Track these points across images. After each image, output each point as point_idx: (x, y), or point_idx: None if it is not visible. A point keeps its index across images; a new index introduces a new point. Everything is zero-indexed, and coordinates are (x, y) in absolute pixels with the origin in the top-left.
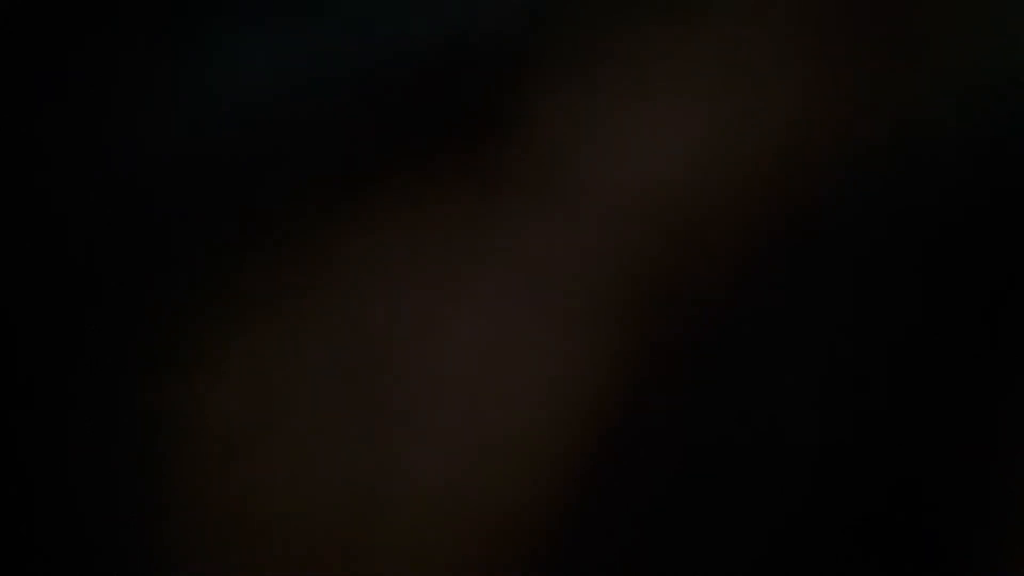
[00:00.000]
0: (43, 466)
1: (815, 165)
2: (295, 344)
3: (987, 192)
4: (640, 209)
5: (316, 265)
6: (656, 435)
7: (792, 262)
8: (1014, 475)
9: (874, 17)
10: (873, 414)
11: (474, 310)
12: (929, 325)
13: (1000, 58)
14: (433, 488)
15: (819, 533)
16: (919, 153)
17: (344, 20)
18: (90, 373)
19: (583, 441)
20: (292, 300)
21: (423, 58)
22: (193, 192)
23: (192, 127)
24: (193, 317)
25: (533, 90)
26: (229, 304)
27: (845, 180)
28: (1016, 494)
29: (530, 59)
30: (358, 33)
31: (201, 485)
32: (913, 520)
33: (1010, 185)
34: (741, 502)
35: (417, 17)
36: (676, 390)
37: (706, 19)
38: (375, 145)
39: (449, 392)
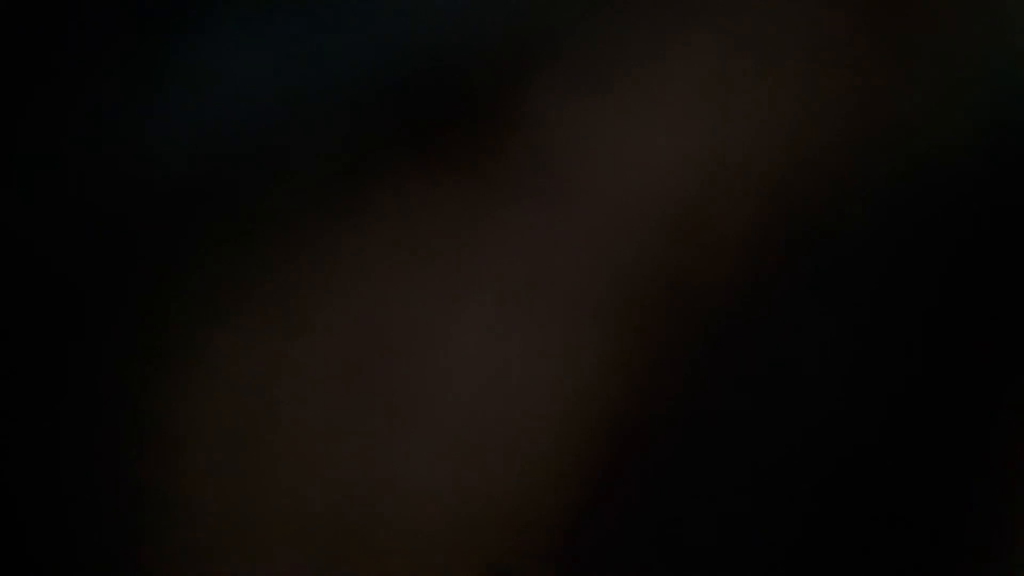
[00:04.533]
0: (34, 467)
1: (821, 168)
2: (293, 343)
3: (998, 200)
4: (644, 210)
5: (315, 264)
6: (661, 436)
7: (797, 264)
8: (1015, 475)
9: (885, 24)
10: (883, 417)
11: (476, 309)
12: (935, 330)
13: (1014, 67)
14: (433, 489)
15: (830, 534)
16: (928, 160)
17: (345, 19)
18: (84, 374)
19: (587, 442)
20: (291, 299)
21: (425, 58)
22: (190, 190)
23: (188, 124)
24: (189, 316)
25: (536, 90)
26: (226, 303)
27: (851, 183)
28: (1017, 494)
29: (533, 59)
30: (359, 32)
31: (197, 486)
32: (918, 521)
33: (1019, 196)
34: (750, 501)
35: (419, 17)
36: (681, 391)
37: (711, 21)
38: (375, 144)
39: (451, 392)
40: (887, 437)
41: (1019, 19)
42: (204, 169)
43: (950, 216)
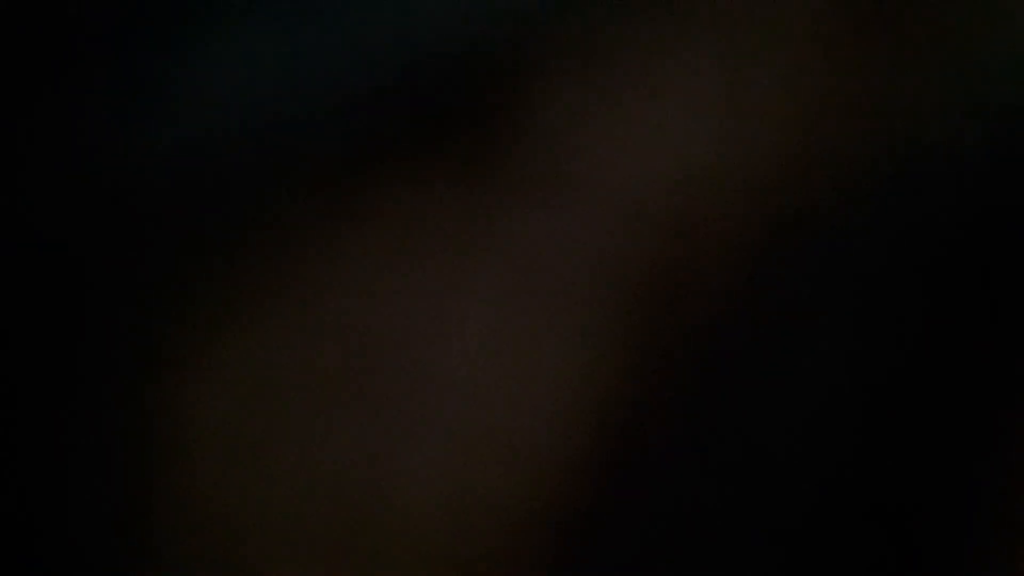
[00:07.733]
0: (39, 468)
1: (818, 167)
2: (294, 343)
3: (997, 197)
4: (642, 209)
5: (315, 264)
6: (660, 433)
7: (795, 262)
8: (1014, 475)
9: (882, 25)
10: (882, 414)
11: (476, 309)
12: (932, 328)
13: (1010, 68)
14: (434, 488)
15: (828, 533)
16: (928, 158)
17: (346, 21)
18: (85, 374)
19: (586, 440)
20: (291, 299)
21: (425, 59)
22: (190, 191)
23: (188, 126)
24: (189, 317)
25: (536, 91)
26: (226, 303)
27: (848, 183)
28: (1016, 494)
29: (533, 60)
30: (360, 34)
31: (197, 485)
32: (917, 521)
33: (1017, 194)
34: (746, 499)
35: (420, 18)
36: (681, 389)
37: (710, 21)
38: (376, 145)
39: (451, 391)
40: (886, 434)
41: (1019, 19)
42: (206, 170)
43: (950, 213)
